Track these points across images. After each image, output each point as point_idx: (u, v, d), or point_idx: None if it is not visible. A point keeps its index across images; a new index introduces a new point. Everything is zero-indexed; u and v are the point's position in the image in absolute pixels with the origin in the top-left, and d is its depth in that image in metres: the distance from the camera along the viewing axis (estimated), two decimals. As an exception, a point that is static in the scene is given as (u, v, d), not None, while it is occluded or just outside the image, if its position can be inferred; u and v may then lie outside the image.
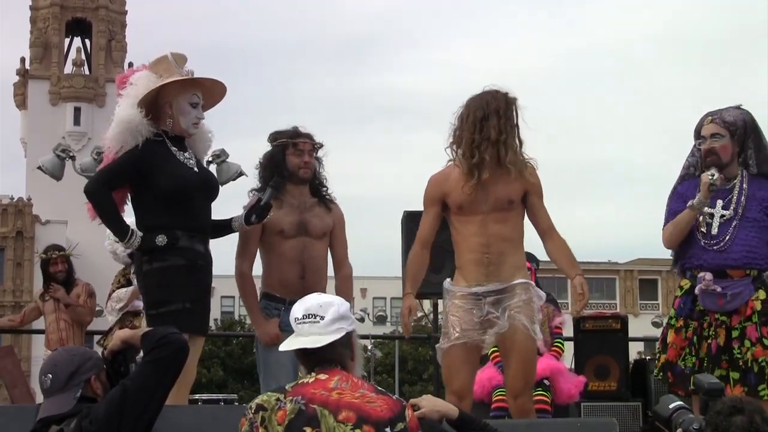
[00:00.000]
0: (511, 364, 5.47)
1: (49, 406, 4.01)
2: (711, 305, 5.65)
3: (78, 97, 59.56)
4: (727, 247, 5.63)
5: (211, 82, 5.81)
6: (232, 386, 42.26)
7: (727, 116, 5.73)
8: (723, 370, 5.57)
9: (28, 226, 55.09)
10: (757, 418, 3.66)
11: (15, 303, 51.70)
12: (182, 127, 5.67)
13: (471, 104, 5.46)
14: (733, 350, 5.58)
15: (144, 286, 5.66)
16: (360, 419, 3.61)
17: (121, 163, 5.58)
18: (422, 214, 5.69)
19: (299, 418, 3.60)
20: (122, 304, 8.82)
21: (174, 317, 5.39)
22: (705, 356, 5.65)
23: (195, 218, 5.61)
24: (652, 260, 63.81)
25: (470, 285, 5.43)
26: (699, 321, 5.70)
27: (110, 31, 61.62)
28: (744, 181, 5.73)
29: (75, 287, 9.16)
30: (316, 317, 3.82)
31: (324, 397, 3.64)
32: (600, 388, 8.72)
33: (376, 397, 3.70)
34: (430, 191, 5.63)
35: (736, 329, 5.60)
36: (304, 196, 6.42)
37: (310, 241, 6.36)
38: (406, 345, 43.18)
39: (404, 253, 8.82)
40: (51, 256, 9.17)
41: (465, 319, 5.39)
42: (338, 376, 3.73)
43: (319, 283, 6.31)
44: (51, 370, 4.04)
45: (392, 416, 3.69)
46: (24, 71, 61.12)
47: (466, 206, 5.47)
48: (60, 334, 9.06)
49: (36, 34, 60.99)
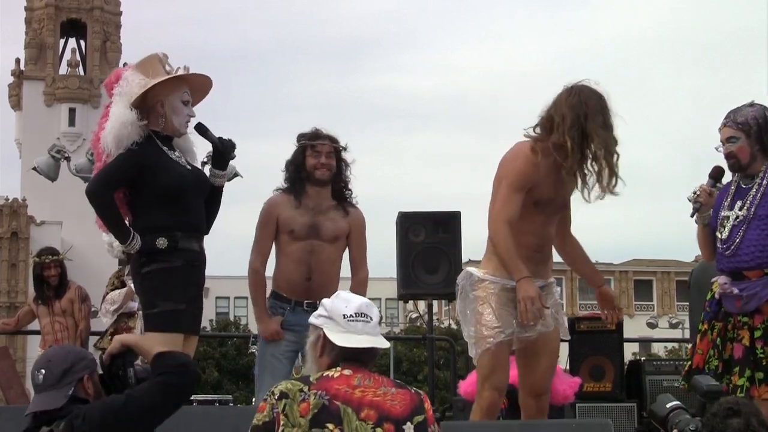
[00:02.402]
0: (541, 363, 5.46)
1: (39, 402, 3.97)
2: (731, 308, 5.61)
3: (73, 98, 59.48)
4: (737, 250, 5.57)
5: (199, 77, 5.67)
6: (227, 387, 42.27)
7: (739, 117, 5.65)
8: (750, 371, 5.48)
9: (23, 226, 55.02)
10: (754, 420, 3.66)
11: (10, 304, 51.68)
12: (175, 126, 5.54)
13: (590, 103, 5.27)
14: (756, 350, 5.51)
15: (142, 287, 5.55)
16: (381, 417, 3.64)
17: (120, 163, 5.42)
18: (509, 193, 5.25)
19: (323, 413, 3.61)
20: (116, 306, 8.82)
21: (172, 317, 5.37)
22: (729, 358, 5.58)
23: (192, 217, 5.52)
24: (647, 261, 63.92)
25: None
26: (724, 322, 5.65)
27: (105, 32, 61.54)
28: (766, 177, 5.63)
29: (68, 291, 9.15)
30: (367, 317, 3.81)
31: (348, 394, 3.66)
32: (595, 389, 8.72)
33: (396, 393, 3.73)
34: (528, 173, 5.26)
35: (758, 329, 5.53)
36: (321, 198, 6.41)
37: (320, 244, 6.35)
38: (401, 346, 43.19)
39: (399, 254, 8.82)
40: (44, 261, 9.14)
41: (505, 314, 5.32)
42: (361, 373, 3.75)
43: (327, 286, 6.27)
44: (44, 366, 3.99)
45: (411, 411, 3.71)
46: (19, 72, 61.05)
47: (542, 203, 5.36)
48: (55, 336, 9.05)
49: (31, 34, 60.89)
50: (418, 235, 8.73)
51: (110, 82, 5.62)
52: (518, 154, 5.32)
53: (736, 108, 5.72)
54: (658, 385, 8.86)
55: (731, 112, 5.71)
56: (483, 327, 5.34)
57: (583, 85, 5.32)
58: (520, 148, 5.33)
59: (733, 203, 5.67)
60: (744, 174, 5.69)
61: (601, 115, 5.26)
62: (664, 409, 4.05)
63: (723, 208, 5.70)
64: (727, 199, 5.72)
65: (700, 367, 5.67)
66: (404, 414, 3.68)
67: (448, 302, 13.38)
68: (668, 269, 63.31)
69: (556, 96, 5.32)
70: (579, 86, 5.32)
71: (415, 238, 8.73)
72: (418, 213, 8.90)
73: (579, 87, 5.31)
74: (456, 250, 8.71)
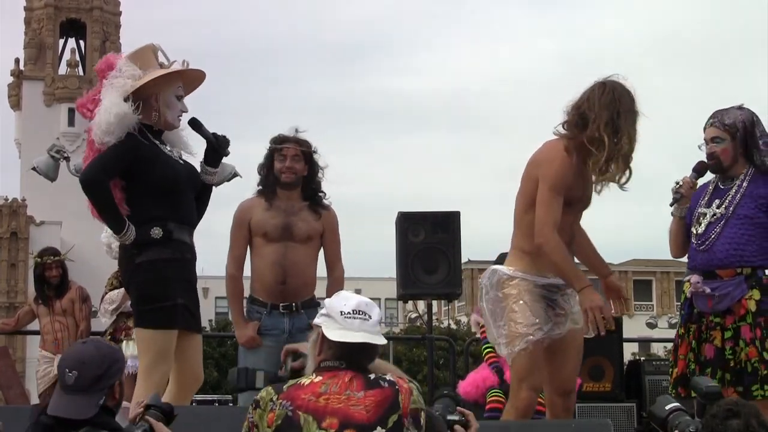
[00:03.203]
0: (568, 361, 5.42)
1: (68, 407, 3.75)
2: (702, 307, 5.59)
3: (72, 97, 59.28)
4: (711, 246, 5.54)
5: (193, 72, 5.63)
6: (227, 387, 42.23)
7: (727, 118, 5.63)
8: (722, 372, 5.48)
9: (22, 226, 54.98)
10: (753, 421, 3.65)
11: (9, 304, 51.63)
12: (168, 120, 5.51)
13: (623, 100, 5.22)
14: (725, 351, 5.50)
15: (134, 279, 5.44)
16: (342, 425, 3.57)
17: (117, 152, 5.34)
18: (551, 197, 5.15)
19: (285, 424, 3.59)
20: (115, 306, 8.81)
21: (170, 314, 5.33)
22: (705, 360, 5.56)
23: (184, 210, 5.50)
24: (647, 261, 63.85)
25: (547, 275, 5.29)
26: (698, 323, 5.64)
27: (104, 32, 61.51)
28: (746, 179, 5.61)
29: (68, 291, 9.15)
30: (365, 315, 3.75)
31: (311, 403, 3.61)
32: (594, 389, 8.72)
33: (364, 397, 3.64)
34: (567, 176, 5.20)
35: (729, 330, 5.51)
36: (292, 200, 6.44)
37: (293, 246, 6.36)
38: (401, 346, 43.15)
39: (398, 255, 8.82)
40: (45, 261, 9.14)
41: (539, 312, 5.26)
42: (331, 378, 3.68)
43: (303, 288, 6.34)
44: (78, 367, 3.76)
45: (383, 412, 3.62)
46: (18, 72, 61.01)
47: (573, 203, 5.32)
48: (55, 335, 9.05)
49: (30, 35, 60.86)
50: (417, 236, 8.73)
51: (101, 69, 5.55)
52: (556, 156, 5.20)
53: (724, 109, 5.70)
54: (657, 385, 8.88)
55: (718, 112, 5.69)
56: (519, 325, 5.24)
57: (616, 82, 5.26)
58: (556, 149, 5.22)
59: (710, 202, 5.65)
60: (723, 176, 5.68)
61: (632, 112, 5.22)
62: (663, 411, 4.03)
63: (699, 206, 5.69)
64: (704, 197, 5.71)
65: (685, 372, 5.64)
66: (371, 419, 3.59)
67: (447, 302, 13.36)
68: (668, 269, 63.24)
69: (587, 92, 5.25)
70: (612, 83, 5.25)
71: (414, 239, 8.73)
72: (417, 213, 8.90)
73: (612, 84, 5.25)
74: (455, 251, 8.71)
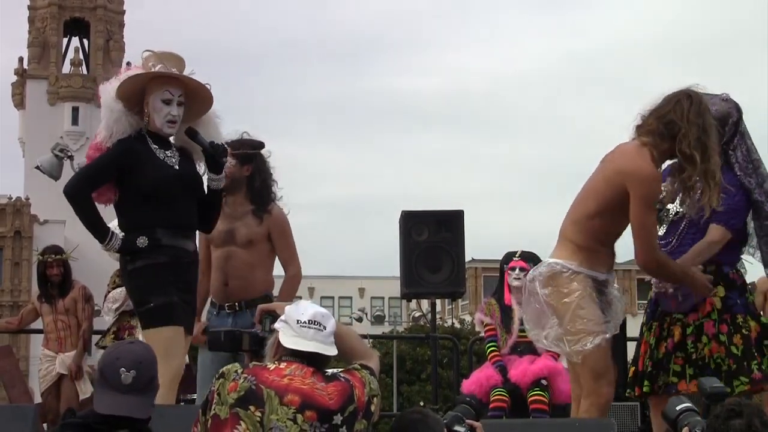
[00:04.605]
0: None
1: (127, 405, 3.66)
2: (667, 307, 5.56)
3: (76, 96, 59.55)
4: (675, 248, 5.51)
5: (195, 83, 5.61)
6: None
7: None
8: (678, 366, 5.45)
9: (26, 225, 55.12)
10: (756, 421, 3.67)
11: (13, 303, 51.76)
12: (156, 124, 5.55)
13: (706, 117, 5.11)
14: (687, 345, 5.45)
15: (130, 286, 5.63)
16: (304, 404, 3.74)
17: (101, 161, 5.51)
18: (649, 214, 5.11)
19: (247, 396, 3.75)
20: (118, 304, 8.81)
21: (166, 311, 5.38)
22: (662, 357, 5.51)
23: (178, 216, 5.52)
24: (650, 260, 63.82)
25: (602, 271, 5.31)
26: (660, 322, 5.60)
27: (108, 30, 61.66)
28: None
29: (72, 290, 9.15)
30: (320, 326, 3.94)
31: (275, 382, 3.78)
32: (598, 388, 8.71)
33: (328, 386, 3.82)
34: (660, 190, 5.20)
35: (690, 326, 5.46)
36: (237, 204, 6.47)
37: (235, 250, 6.44)
38: (405, 345, 43.18)
39: (402, 253, 8.81)
40: (47, 259, 9.14)
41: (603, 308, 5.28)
42: (296, 366, 3.85)
43: (245, 290, 6.43)
44: (135, 367, 3.69)
45: (343, 402, 3.80)
46: (22, 71, 61.17)
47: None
48: (58, 334, 9.06)
49: (34, 33, 61.01)
50: (421, 234, 8.71)
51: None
52: (648, 171, 5.07)
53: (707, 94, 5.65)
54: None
55: None
56: (590, 322, 5.18)
57: (699, 94, 5.16)
58: (646, 160, 5.09)
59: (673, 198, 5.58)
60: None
61: (715, 129, 5.14)
62: (674, 411, 4.07)
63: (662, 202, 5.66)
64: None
65: (640, 371, 5.61)
66: (334, 407, 3.78)
67: (451, 301, 13.37)
68: (671, 268, 63.24)
69: (673, 101, 5.13)
70: (697, 96, 5.14)
71: (418, 237, 8.72)
72: (421, 212, 8.89)
73: (698, 97, 5.14)
74: (459, 249, 8.70)
